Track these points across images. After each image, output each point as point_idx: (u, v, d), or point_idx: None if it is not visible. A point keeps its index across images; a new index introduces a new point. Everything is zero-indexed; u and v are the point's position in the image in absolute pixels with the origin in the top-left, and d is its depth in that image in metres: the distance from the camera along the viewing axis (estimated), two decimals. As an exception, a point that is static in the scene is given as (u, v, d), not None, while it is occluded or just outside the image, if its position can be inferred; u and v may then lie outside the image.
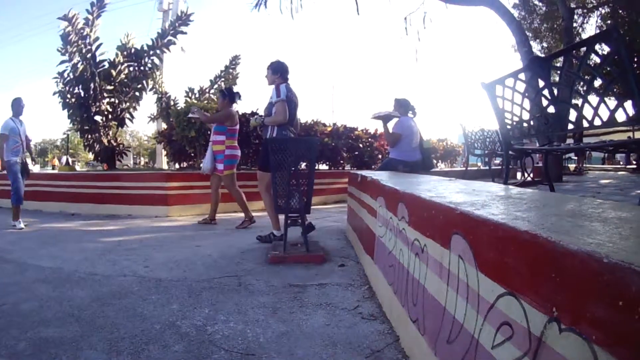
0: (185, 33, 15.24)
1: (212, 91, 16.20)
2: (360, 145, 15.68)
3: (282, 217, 6.18)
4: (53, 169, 50.84)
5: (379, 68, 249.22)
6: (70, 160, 41.96)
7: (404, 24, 16.93)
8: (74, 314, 4.00)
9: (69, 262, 6.07)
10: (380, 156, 16.02)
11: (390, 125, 8.53)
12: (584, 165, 25.47)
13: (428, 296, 2.48)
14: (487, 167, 18.36)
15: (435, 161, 20.86)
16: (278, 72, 7.07)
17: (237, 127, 9.28)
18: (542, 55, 14.26)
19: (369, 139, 15.88)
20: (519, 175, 14.55)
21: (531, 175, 11.68)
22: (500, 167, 16.02)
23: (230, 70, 16.58)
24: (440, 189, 3.23)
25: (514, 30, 14.15)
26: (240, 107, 15.06)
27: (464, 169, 17.31)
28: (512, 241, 1.53)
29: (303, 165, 6.36)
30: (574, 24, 17.88)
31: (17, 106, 9.84)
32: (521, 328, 1.42)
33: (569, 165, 23.09)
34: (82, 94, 14.78)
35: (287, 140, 6.34)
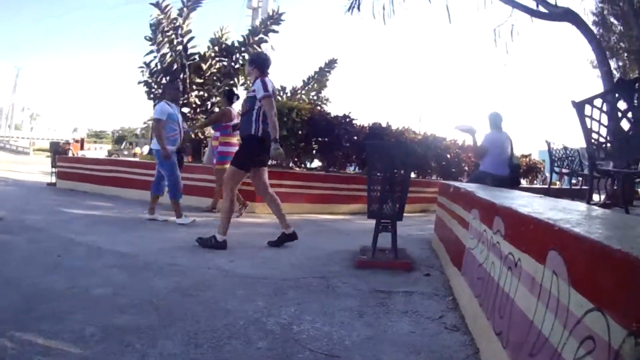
0: (277, 32, 15.78)
1: (303, 92, 16.65)
2: (449, 155, 15.89)
3: (372, 221, 6.25)
4: (134, 156, 52.86)
5: (467, 78, 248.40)
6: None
7: (492, 36, 17.16)
8: (151, 303, 4.16)
9: (148, 250, 6.34)
10: (466, 168, 16.24)
11: (480, 138, 8.80)
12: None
13: (516, 310, 2.60)
14: (567, 187, 18.40)
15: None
16: (253, 64, 7.10)
17: (231, 121, 9.90)
18: (628, 79, 14.34)
19: (457, 150, 16.09)
20: (595, 196, 14.50)
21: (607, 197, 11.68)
22: (578, 187, 16.07)
23: (325, 73, 16.94)
24: (535, 205, 3.34)
25: (595, 48, 14.23)
26: (331, 109, 15.60)
27: (545, 186, 17.36)
28: (605, 259, 1.66)
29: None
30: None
31: (172, 90, 9.49)
32: (603, 342, 1.56)
33: (637, 189, 22.88)
34: None
35: (386, 145, 6.53)
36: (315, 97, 16.88)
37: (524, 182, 23.70)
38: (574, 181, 17.73)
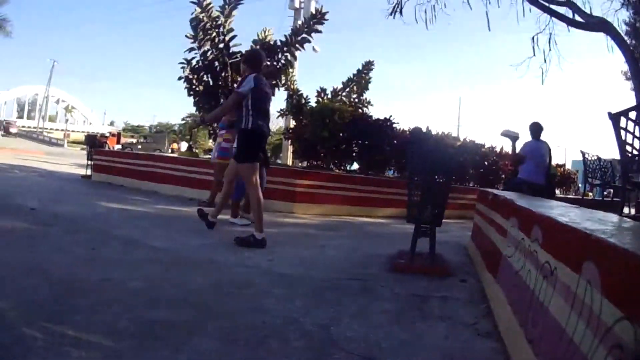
0: (320, 32, 15.85)
1: (344, 93, 16.68)
2: (486, 162, 16.07)
3: (410, 226, 6.32)
4: (172, 152, 53.42)
5: (506, 86, 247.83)
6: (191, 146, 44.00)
7: (531, 44, 17.25)
8: (188, 299, 4.22)
9: (185, 246, 6.46)
10: (503, 176, 16.36)
11: (520, 146, 9.15)
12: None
13: (549, 318, 2.66)
14: (599, 198, 18.55)
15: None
16: (247, 62, 7.53)
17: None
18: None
19: (494, 157, 16.24)
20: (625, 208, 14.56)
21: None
22: (610, 198, 16.17)
23: (363, 75, 17.00)
24: (571, 215, 3.39)
25: (629, 60, 14.42)
26: (374, 112, 15.75)
27: (578, 197, 17.49)
28: (637, 269, 1.76)
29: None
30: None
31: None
32: (629, 350, 1.63)
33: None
34: (211, 83, 15.63)
35: (428, 150, 6.62)
36: (356, 100, 16.87)
37: (557, 192, 23.75)
38: (605, 193, 17.83)
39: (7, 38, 45.14)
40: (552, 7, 15.45)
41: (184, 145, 53.92)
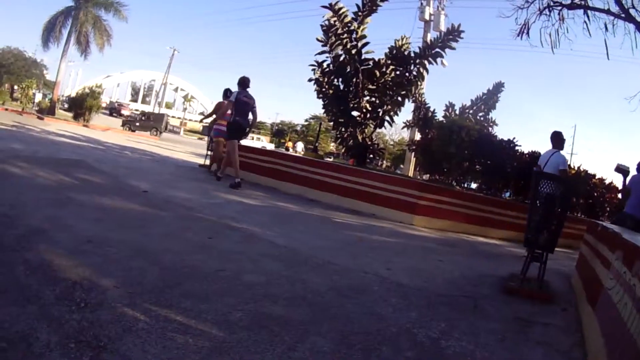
0: (454, 49, 15.83)
1: (471, 111, 16.68)
2: (595, 194, 15.83)
3: (521, 250, 6.60)
4: (287, 150, 54.12)
5: (618, 117, 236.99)
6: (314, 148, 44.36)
7: None
8: (306, 298, 4.37)
9: (305, 245, 6.59)
10: (608, 208, 16.13)
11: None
12: None
13: (636, 351, 2.85)
14: None
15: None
16: (238, 84, 12.82)
17: (227, 112, 13.50)
18: None
19: (602, 189, 15.97)
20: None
21: None
22: None
23: (492, 95, 17.11)
24: None
25: None
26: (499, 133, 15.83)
27: None
28: None
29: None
30: None
31: (563, 140, 9.18)
32: None
33: None
34: (342, 87, 16.02)
35: (554, 176, 6.80)
36: (482, 118, 16.94)
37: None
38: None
39: (123, 22, 46.73)
40: None
41: (299, 145, 54.71)
